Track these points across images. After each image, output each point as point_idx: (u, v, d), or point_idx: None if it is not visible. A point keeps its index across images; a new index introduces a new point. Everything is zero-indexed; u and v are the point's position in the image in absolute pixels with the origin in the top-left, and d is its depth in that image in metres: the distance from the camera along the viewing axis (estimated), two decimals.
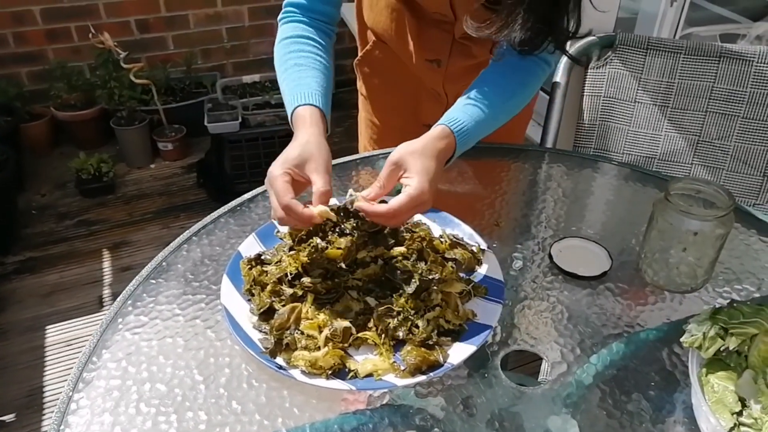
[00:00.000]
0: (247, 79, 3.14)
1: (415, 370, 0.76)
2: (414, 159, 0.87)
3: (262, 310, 0.84)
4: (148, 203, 2.81)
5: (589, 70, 1.47)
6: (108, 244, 2.54)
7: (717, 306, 0.77)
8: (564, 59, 1.47)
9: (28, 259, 2.46)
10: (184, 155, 3.13)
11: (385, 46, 1.27)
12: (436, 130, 0.94)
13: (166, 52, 3.33)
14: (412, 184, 0.84)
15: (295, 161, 0.86)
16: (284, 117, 2.71)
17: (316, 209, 0.84)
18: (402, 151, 0.89)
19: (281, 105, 2.99)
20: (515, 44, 0.88)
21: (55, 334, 2.10)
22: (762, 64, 1.35)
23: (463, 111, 0.98)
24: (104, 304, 2.24)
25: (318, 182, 0.85)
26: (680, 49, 1.41)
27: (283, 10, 1.08)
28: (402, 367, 0.77)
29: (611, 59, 1.45)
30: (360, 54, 1.34)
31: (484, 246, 0.96)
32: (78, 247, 2.53)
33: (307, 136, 0.90)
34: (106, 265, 2.43)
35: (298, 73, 1.00)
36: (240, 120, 2.73)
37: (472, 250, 0.95)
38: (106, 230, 2.63)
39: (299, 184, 0.87)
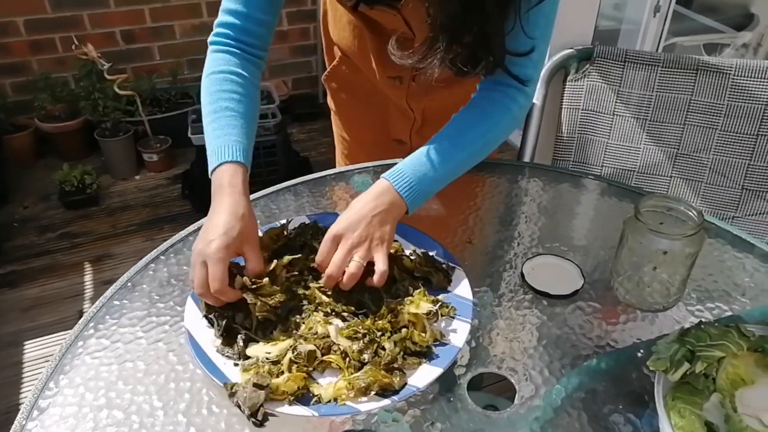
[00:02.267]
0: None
1: (366, 391, 0.74)
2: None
3: (223, 333, 0.83)
4: (132, 215, 2.78)
5: (567, 83, 1.46)
6: (90, 257, 2.52)
7: (685, 327, 0.76)
8: (542, 71, 1.46)
9: (8, 272, 2.43)
10: (170, 166, 3.12)
11: (350, 61, 1.26)
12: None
13: (152, 62, 3.32)
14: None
15: (236, 241, 0.85)
16: (268, 128, 2.73)
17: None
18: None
19: (265, 116, 2.96)
20: (446, 67, 0.88)
21: (34, 349, 2.08)
22: (739, 77, 1.34)
23: (405, 160, 0.97)
24: None
25: (252, 261, 0.87)
26: (658, 61, 1.40)
27: (214, 32, 1.02)
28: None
29: (589, 72, 1.45)
30: (328, 69, 1.33)
31: (454, 264, 0.95)
32: (60, 260, 2.50)
33: (242, 209, 0.88)
34: (88, 278, 2.40)
35: (227, 120, 0.95)
36: None
37: (442, 268, 0.94)
38: (89, 243, 2.60)
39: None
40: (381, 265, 0.86)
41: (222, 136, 0.94)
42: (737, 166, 1.38)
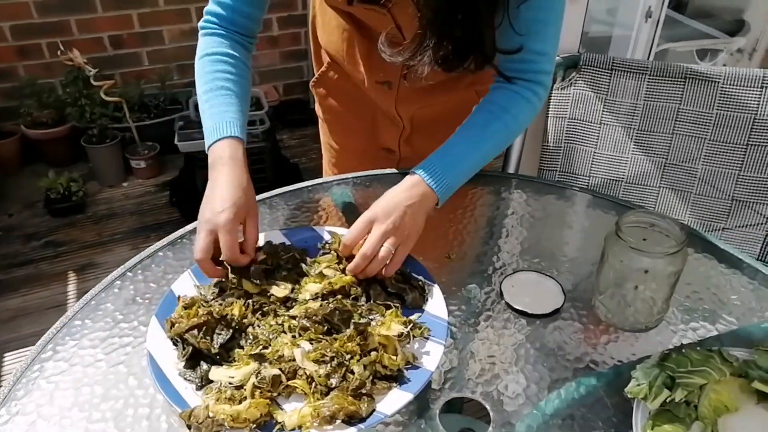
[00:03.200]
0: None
1: (331, 419, 0.71)
2: (378, 207, 0.91)
3: (186, 356, 0.79)
4: (119, 223, 2.74)
5: (553, 92, 1.43)
6: (74, 266, 2.48)
7: (665, 351, 0.73)
8: None
9: None
10: (158, 173, 3.08)
11: (339, 67, 1.24)
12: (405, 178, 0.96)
13: (140, 68, 3.28)
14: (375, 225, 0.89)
15: (242, 211, 0.89)
16: (257, 135, 2.69)
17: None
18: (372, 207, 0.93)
19: (254, 123, 2.93)
20: (434, 64, 0.88)
21: (14, 362, 2.03)
22: (728, 86, 1.31)
23: (433, 153, 0.99)
24: None
25: (251, 232, 0.91)
26: (646, 69, 1.37)
27: (203, 18, 1.06)
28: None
29: (576, 80, 1.42)
30: (315, 75, 1.30)
31: (431, 282, 0.91)
32: (43, 269, 2.46)
33: (246, 182, 0.93)
34: (71, 288, 2.36)
35: (221, 98, 0.99)
36: None
37: (418, 285, 0.91)
38: (74, 251, 2.56)
39: None
40: (399, 258, 0.89)
41: (219, 113, 0.97)
42: (727, 177, 1.35)
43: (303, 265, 0.94)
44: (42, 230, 2.69)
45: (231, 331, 0.81)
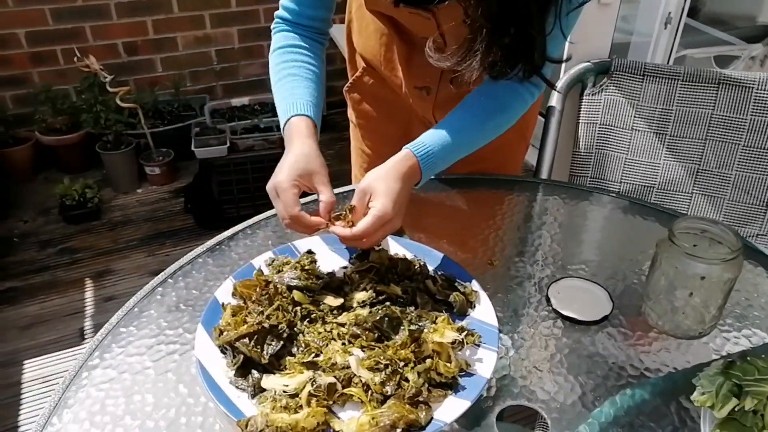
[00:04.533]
0: (236, 102, 3.09)
1: (391, 429, 0.70)
2: (379, 183, 0.91)
3: (237, 365, 0.78)
4: (134, 230, 2.73)
5: (584, 97, 1.42)
6: (91, 273, 2.47)
7: (729, 359, 0.72)
8: (559, 84, 1.43)
9: (7, 289, 2.38)
10: (172, 179, 3.07)
11: (375, 72, 1.23)
12: (401, 153, 0.96)
13: (154, 74, 3.28)
14: (377, 205, 0.88)
15: (302, 172, 0.91)
16: (273, 141, 2.69)
17: None
18: (369, 177, 0.93)
19: (270, 129, 2.94)
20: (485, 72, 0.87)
21: (32, 369, 2.02)
22: (762, 91, 1.31)
23: (430, 135, 0.99)
24: (85, 336, 2.16)
25: (325, 193, 0.92)
26: (678, 75, 1.36)
27: (274, 20, 1.10)
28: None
29: (607, 86, 1.41)
30: (350, 80, 1.29)
31: (477, 288, 0.90)
32: (60, 276, 2.45)
33: (308, 149, 0.94)
34: (89, 295, 2.35)
35: (292, 83, 1.02)
36: (228, 144, 2.68)
37: (464, 292, 0.90)
38: (90, 258, 2.55)
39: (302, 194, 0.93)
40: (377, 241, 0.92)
41: (286, 98, 1.00)
42: (761, 183, 1.34)
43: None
44: (57, 237, 2.68)
45: (282, 342, 0.80)
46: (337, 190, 1.17)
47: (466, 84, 0.90)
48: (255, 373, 0.78)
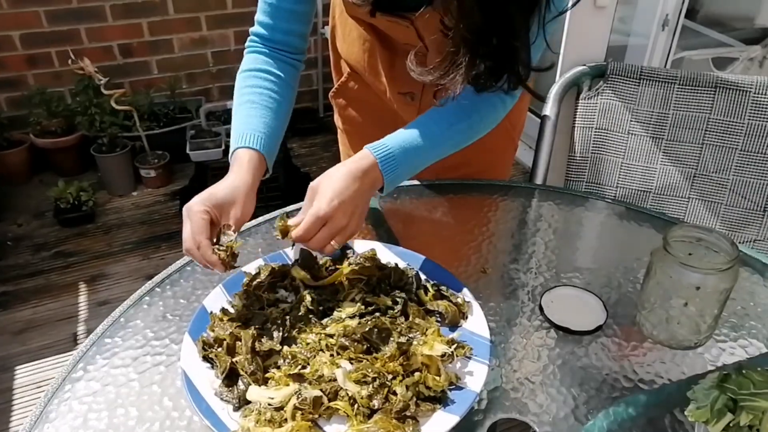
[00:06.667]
0: (232, 104, 3.07)
1: None
2: (323, 181, 0.88)
3: (224, 373, 0.76)
4: (129, 233, 2.72)
5: (579, 101, 1.41)
6: (85, 276, 2.45)
7: (724, 371, 0.70)
8: (554, 87, 1.41)
9: (0, 293, 2.36)
10: (168, 182, 3.06)
11: (359, 77, 1.21)
12: (359, 153, 0.93)
13: (149, 76, 3.27)
14: (313, 204, 0.86)
15: (218, 201, 0.87)
16: None
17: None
18: (320, 176, 0.90)
19: None
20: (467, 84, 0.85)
21: (24, 375, 2.00)
22: (759, 95, 1.29)
23: (393, 137, 0.95)
24: (78, 341, 2.14)
25: (234, 214, 0.88)
26: (674, 78, 1.35)
27: (248, 38, 1.07)
28: None
29: (603, 89, 1.39)
30: (335, 86, 1.28)
31: (469, 298, 0.89)
32: (54, 280, 2.44)
33: (238, 182, 0.90)
34: (82, 299, 2.33)
35: (249, 110, 0.99)
36: (223, 147, 2.66)
37: (457, 303, 0.88)
38: (84, 262, 2.53)
39: (214, 226, 0.87)
40: (337, 246, 0.88)
41: (238, 127, 0.97)
42: (759, 188, 1.33)
43: None
44: (51, 240, 2.67)
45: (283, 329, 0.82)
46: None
47: (451, 98, 0.88)
48: (241, 385, 0.76)
